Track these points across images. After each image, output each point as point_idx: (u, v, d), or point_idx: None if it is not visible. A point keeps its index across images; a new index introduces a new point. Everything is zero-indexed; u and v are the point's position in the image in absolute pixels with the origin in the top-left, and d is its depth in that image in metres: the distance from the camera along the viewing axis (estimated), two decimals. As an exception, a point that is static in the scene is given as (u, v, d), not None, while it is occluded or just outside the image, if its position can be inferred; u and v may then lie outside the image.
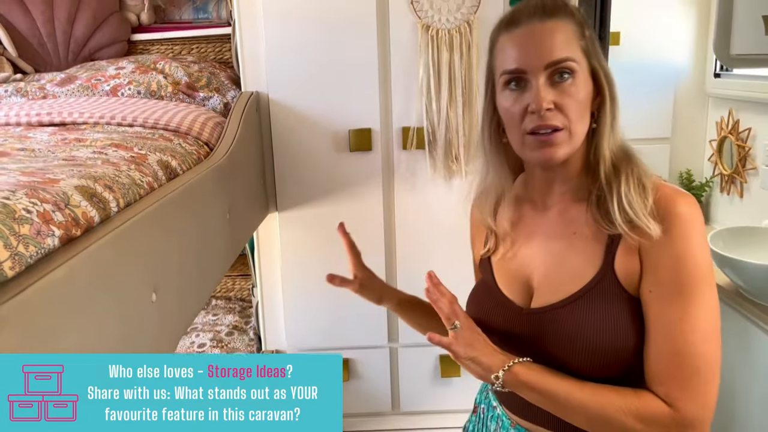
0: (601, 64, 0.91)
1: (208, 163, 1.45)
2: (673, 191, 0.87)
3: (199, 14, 2.31)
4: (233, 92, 2.02)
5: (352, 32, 1.91)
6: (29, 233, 0.72)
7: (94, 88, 1.91)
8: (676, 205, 0.85)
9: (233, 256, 1.61)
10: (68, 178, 0.93)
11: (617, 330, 0.87)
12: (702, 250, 0.84)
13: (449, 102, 1.94)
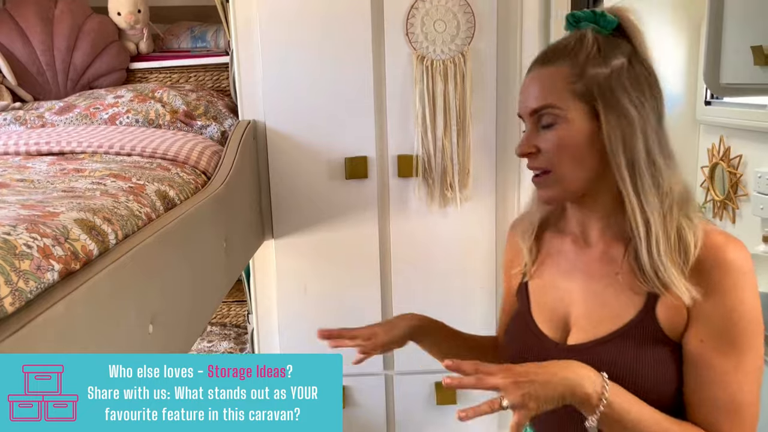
0: (609, 102, 0.86)
1: (205, 193, 1.47)
2: (722, 239, 0.85)
3: (197, 43, 2.34)
4: (230, 120, 2.04)
5: (349, 62, 1.94)
6: (29, 268, 0.73)
7: (93, 116, 1.93)
8: (726, 255, 0.83)
9: (229, 285, 1.62)
10: (68, 211, 0.94)
11: (654, 373, 0.86)
12: (754, 300, 0.83)
13: (444, 131, 1.96)
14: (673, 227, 0.86)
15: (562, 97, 0.88)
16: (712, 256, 0.83)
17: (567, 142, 0.88)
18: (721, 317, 0.83)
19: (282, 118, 1.98)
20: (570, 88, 0.87)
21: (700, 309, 0.84)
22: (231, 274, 1.62)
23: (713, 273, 0.83)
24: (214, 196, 1.46)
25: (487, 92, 1.97)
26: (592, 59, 0.87)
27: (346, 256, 2.07)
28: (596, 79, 0.86)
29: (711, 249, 0.84)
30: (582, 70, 0.87)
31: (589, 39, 0.88)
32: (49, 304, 0.72)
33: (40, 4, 2.13)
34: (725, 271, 0.82)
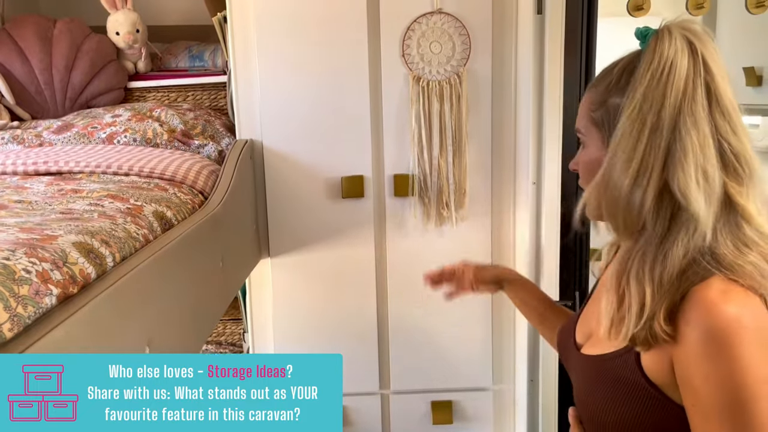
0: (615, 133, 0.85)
1: (202, 213, 1.47)
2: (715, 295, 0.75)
3: (195, 62, 2.35)
4: (228, 139, 2.05)
5: (345, 82, 1.96)
6: (28, 294, 0.74)
7: (91, 135, 1.94)
8: (709, 318, 0.74)
9: (226, 304, 1.62)
10: (66, 234, 0.95)
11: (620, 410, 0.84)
12: (746, 373, 0.72)
13: (440, 151, 1.98)
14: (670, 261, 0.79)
15: (586, 123, 0.92)
16: (695, 315, 0.76)
17: (586, 166, 0.93)
18: (708, 385, 0.75)
19: (279, 138, 1.99)
20: (591, 115, 0.90)
21: (684, 371, 0.78)
22: (227, 294, 1.62)
23: (695, 333, 0.75)
24: (211, 216, 1.47)
25: (482, 113, 1.99)
26: (613, 87, 0.87)
27: (343, 275, 2.08)
28: (611, 109, 0.87)
29: (694, 304, 0.76)
30: (604, 99, 0.88)
31: (620, 65, 0.88)
32: (47, 330, 0.72)
33: (40, 24, 2.14)
34: (710, 336, 0.74)
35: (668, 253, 0.79)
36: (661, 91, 0.79)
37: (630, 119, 0.81)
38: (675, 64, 0.79)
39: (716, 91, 0.79)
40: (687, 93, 0.79)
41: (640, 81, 0.81)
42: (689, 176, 0.78)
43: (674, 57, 0.79)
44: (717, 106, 0.79)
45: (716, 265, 0.77)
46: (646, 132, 0.80)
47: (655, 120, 0.80)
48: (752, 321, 0.74)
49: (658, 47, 0.81)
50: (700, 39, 0.80)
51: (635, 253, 0.83)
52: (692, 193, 0.78)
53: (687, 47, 0.80)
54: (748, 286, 0.76)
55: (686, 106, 0.79)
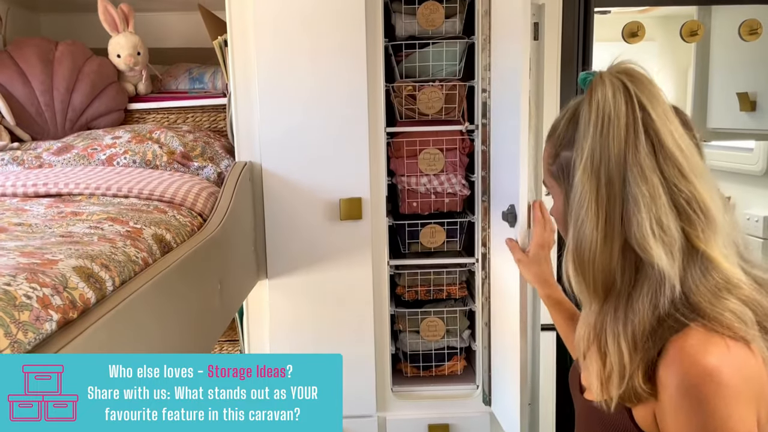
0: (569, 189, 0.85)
1: (201, 236, 1.48)
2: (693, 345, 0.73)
3: (195, 84, 2.37)
4: (227, 161, 2.07)
5: (344, 104, 1.97)
6: (29, 319, 0.74)
7: (90, 157, 1.95)
8: (683, 371, 0.72)
9: (224, 326, 1.62)
10: (66, 258, 0.95)
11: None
12: (726, 425, 0.70)
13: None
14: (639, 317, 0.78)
15: (548, 177, 0.93)
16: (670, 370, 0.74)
17: (555, 217, 0.95)
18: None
19: (278, 160, 2.00)
20: (550, 169, 0.92)
21: (665, 422, 0.76)
22: (225, 316, 1.62)
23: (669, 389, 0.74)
24: (209, 239, 1.47)
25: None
26: (562, 140, 0.87)
27: (341, 297, 2.08)
28: (563, 161, 0.87)
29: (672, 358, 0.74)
30: (557, 152, 0.89)
31: (566, 116, 0.88)
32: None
33: (41, 46, 2.16)
34: (688, 391, 0.72)
35: (637, 309, 0.77)
36: (605, 143, 0.77)
37: (584, 176, 0.79)
38: (612, 113, 0.77)
39: (657, 135, 0.77)
40: (629, 142, 0.77)
41: (584, 135, 0.79)
42: (644, 229, 0.75)
43: (611, 107, 0.77)
44: (661, 151, 0.77)
45: (692, 315, 0.75)
46: (603, 188, 0.78)
47: (606, 174, 0.78)
48: (733, 373, 0.71)
49: (593, 96, 0.79)
50: (636, 81, 0.78)
51: (607, 311, 0.82)
52: (651, 246, 0.75)
53: (623, 92, 0.77)
54: (730, 335, 0.73)
55: (630, 157, 0.76)
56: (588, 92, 0.80)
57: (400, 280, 2.16)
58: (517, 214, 1.60)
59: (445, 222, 2.07)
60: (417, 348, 2.18)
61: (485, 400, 2.09)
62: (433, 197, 2.06)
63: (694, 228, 0.77)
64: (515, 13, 1.57)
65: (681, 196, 0.76)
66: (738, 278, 0.77)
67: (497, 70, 1.82)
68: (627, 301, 0.79)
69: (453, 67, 2.00)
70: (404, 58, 2.02)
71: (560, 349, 2.07)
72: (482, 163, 1.96)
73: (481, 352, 2.09)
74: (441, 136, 2.01)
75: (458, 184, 2.05)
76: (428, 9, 1.95)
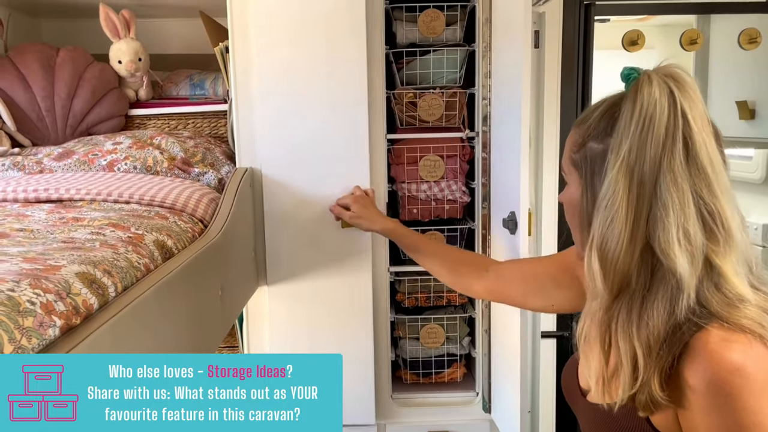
0: (591, 180, 0.86)
1: (202, 242, 1.48)
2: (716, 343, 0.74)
3: (195, 90, 2.38)
4: (228, 167, 2.07)
5: (346, 112, 1.97)
6: (32, 325, 0.74)
7: (91, 162, 1.95)
8: (711, 368, 0.73)
9: (225, 333, 1.62)
10: (69, 264, 0.95)
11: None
12: (753, 422, 0.71)
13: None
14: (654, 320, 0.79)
15: (566, 162, 0.93)
16: (701, 372, 0.75)
17: (567, 204, 0.94)
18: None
19: (279, 166, 2.00)
20: (572, 156, 0.91)
21: (690, 423, 0.77)
22: (226, 322, 1.62)
23: (697, 390, 0.75)
24: (211, 245, 1.47)
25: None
26: (594, 130, 0.87)
27: (340, 304, 2.08)
28: (589, 153, 0.87)
29: (699, 360, 0.75)
30: (584, 141, 0.88)
31: (601, 108, 0.87)
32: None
33: (43, 52, 2.17)
34: (717, 391, 0.73)
35: (652, 313, 0.78)
36: (644, 144, 0.78)
37: (620, 173, 0.79)
38: (655, 116, 0.77)
39: (694, 146, 0.77)
40: (666, 147, 0.77)
41: (623, 131, 0.79)
42: (671, 236, 0.76)
43: (654, 109, 0.77)
44: (694, 162, 0.77)
45: (711, 318, 0.76)
46: (635, 188, 0.78)
47: (639, 174, 0.78)
48: (757, 369, 0.72)
49: (638, 96, 0.79)
50: (681, 87, 0.78)
51: (617, 309, 0.82)
52: (675, 254, 0.76)
53: (668, 96, 0.77)
54: (749, 333, 0.75)
55: (665, 162, 0.77)
56: (633, 90, 0.80)
57: (400, 286, 2.16)
58: (517, 221, 1.60)
59: (445, 229, 2.07)
60: (417, 355, 2.18)
61: (485, 407, 2.09)
62: (433, 204, 2.06)
63: (715, 242, 0.77)
64: (516, 21, 1.58)
65: (706, 209, 0.77)
66: (748, 295, 0.78)
67: (498, 77, 1.82)
68: (641, 303, 0.79)
69: (453, 74, 2.01)
70: (405, 65, 2.03)
71: (560, 356, 2.07)
72: (482, 170, 1.97)
73: (481, 359, 2.09)
74: (441, 143, 2.02)
75: (458, 191, 2.05)
76: (429, 17, 1.96)
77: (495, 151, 1.89)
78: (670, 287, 0.77)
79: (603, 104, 0.88)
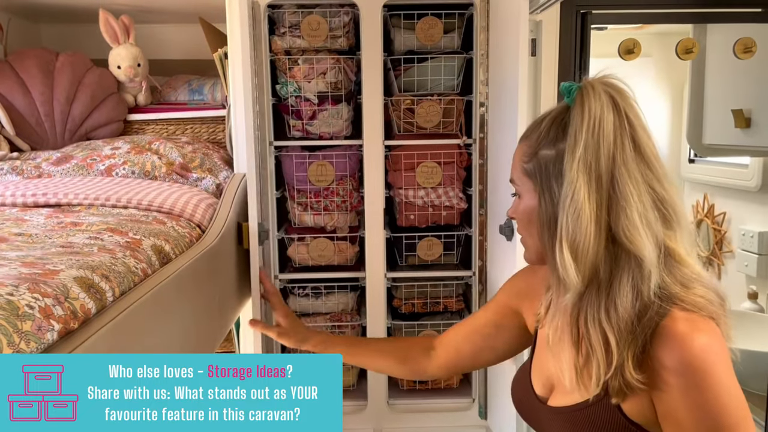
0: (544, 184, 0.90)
1: (199, 247, 1.49)
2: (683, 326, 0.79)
3: (194, 96, 2.39)
4: (226, 173, 2.07)
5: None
6: (31, 329, 0.74)
7: (90, 167, 1.95)
8: (685, 349, 0.78)
9: (221, 337, 1.62)
10: (67, 268, 0.96)
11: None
12: (728, 394, 0.78)
13: (435, 187, 2.00)
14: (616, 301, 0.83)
15: (519, 174, 0.96)
16: (669, 351, 0.79)
17: (521, 214, 0.97)
18: (689, 418, 0.79)
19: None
20: (523, 166, 0.95)
21: (664, 405, 0.81)
22: (223, 327, 1.62)
23: (669, 368, 0.79)
24: (208, 250, 1.48)
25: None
26: (543, 139, 0.91)
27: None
28: (542, 160, 0.91)
29: (665, 340, 0.80)
30: (535, 150, 0.93)
31: (548, 118, 0.92)
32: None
33: (42, 57, 2.18)
34: (686, 369, 0.78)
35: (618, 299, 0.83)
36: (597, 142, 0.84)
37: (580, 170, 0.84)
38: (602, 120, 0.84)
39: (639, 143, 0.85)
40: (617, 144, 0.84)
41: (577, 135, 0.85)
42: (634, 223, 0.82)
43: (601, 113, 0.84)
44: (641, 156, 0.85)
45: (671, 301, 0.82)
46: (594, 182, 0.84)
47: (597, 169, 0.84)
48: (719, 346, 0.79)
49: (585, 103, 0.85)
50: (621, 94, 0.86)
51: (585, 300, 0.86)
52: (641, 239, 0.82)
53: (611, 103, 0.85)
54: (704, 314, 0.81)
55: (618, 157, 0.84)
56: (579, 99, 0.86)
57: (397, 292, 2.16)
58: (514, 228, 1.61)
59: (442, 235, 2.08)
60: (413, 361, 2.18)
61: (481, 413, 2.09)
62: (430, 210, 2.07)
63: (669, 227, 0.85)
64: (513, 29, 1.59)
65: (658, 197, 0.85)
66: (700, 271, 0.86)
67: (495, 84, 1.83)
68: (607, 289, 0.84)
69: (451, 81, 2.02)
70: (403, 72, 2.04)
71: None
72: (479, 177, 1.98)
73: (477, 366, 2.09)
74: (439, 149, 2.03)
75: (455, 197, 2.06)
76: (427, 24, 1.97)
77: (492, 157, 1.90)
78: (633, 271, 0.83)
79: (547, 117, 0.93)
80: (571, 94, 0.88)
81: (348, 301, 2.11)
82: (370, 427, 2.11)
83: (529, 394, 1.03)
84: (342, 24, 1.95)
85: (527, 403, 1.05)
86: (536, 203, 0.92)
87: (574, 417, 0.91)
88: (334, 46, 1.97)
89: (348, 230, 2.08)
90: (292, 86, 1.96)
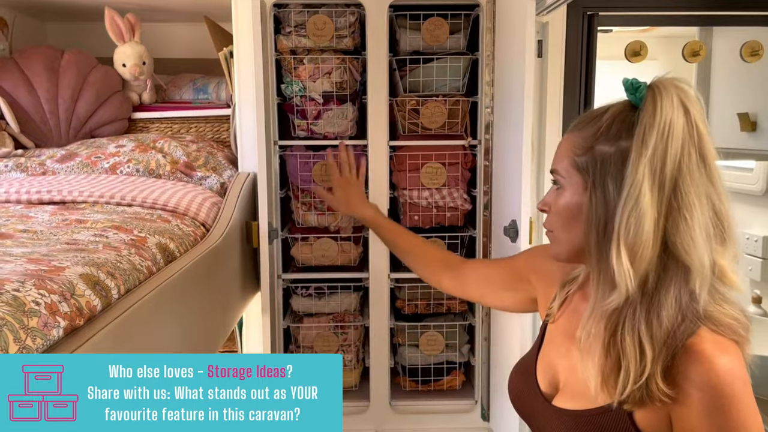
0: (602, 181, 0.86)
1: (204, 246, 1.48)
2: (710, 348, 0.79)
3: (199, 95, 2.38)
4: (230, 172, 2.07)
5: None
6: (37, 326, 0.74)
7: (94, 165, 1.95)
8: (712, 370, 0.77)
9: (225, 336, 1.62)
10: (73, 265, 0.95)
11: None
12: (752, 423, 0.77)
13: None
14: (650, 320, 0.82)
15: (566, 166, 0.91)
16: (693, 373, 0.79)
17: (561, 208, 0.92)
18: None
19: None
20: (574, 159, 0.90)
21: (683, 424, 0.80)
22: (226, 326, 1.62)
23: (692, 389, 0.78)
24: (212, 249, 1.47)
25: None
26: (602, 135, 0.87)
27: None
28: (598, 156, 0.87)
29: (690, 362, 0.79)
30: (591, 144, 0.88)
31: (609, 113, 0.88)
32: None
33: (48, 55, 2.18)
34: (710, 392, 0.77)
35: (662, 311, 0.81)
36: (664, 147, 0.80)
37: (645, 173, 0.80)
38: (673, 124, 0.81)
39: (705, 153, 0.82)
40: (685, 150, 0.81)
41: (645, 135, 0.81)
42: (695, 234, 0.80)
43: (673, 116, 0.81)
44: (706, 169, 0.82)
45: (703, 319, 0.81)
46: (656, 187, 0.81)
47: (661, 175, 0.81)
48: (742, 371, 0.79)
49: (658, 103, 0.81)
50: (691, 101, 0.83)
51: (629, 306, 0.83)
52: (699, 252, 0.79)
53: (681, 108, 0.81)
54: (731, 337, 0.80)
55: (684, 165, 0.81)
56: (651, 98, 0.83)
57: (400, 293, 2.16)
58: (518, 230, 1.60)
59: (446, 236, 2.07)
60: (416, 362, 2.17)
61: (484, 415, 2.09)
62: (434, 211, 2.07)
63: (721, 243, 0.82)
64: (519, 30, 1.59)
65: (715, 211, 0.82)
66: (738, 289, 0.85)
67: (501, 86, 1.83)
68: (650, 299, 0.82)
69: (457, 82, 2.02)
70: (408, 72, 2.04)
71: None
72: (484, 178, 1.97)
73: (480, 367, 2.09)
74: (443, 150, 2.02)
75: (460, 198, 2.05)
76: (433, 25, 1.96)
77: (497, 159, 1.89)
78: (679, 284, 0.81)
79: (608, 111, 0.89)
80: (638, 92, 0.84)
81: (351, 301, 2.11)
82: (372, 428, 2.10)
83: (532, 389, 1.01)
84: (348, 24, 1.95)
85: (527, 397, 1.02)
86: (584, 200, 0.88)
87: (580, 421, 0.89)
88: (339, 45, 1.97)
89: (352, 230, 2.08)
90: (297, 86, 1.96)
